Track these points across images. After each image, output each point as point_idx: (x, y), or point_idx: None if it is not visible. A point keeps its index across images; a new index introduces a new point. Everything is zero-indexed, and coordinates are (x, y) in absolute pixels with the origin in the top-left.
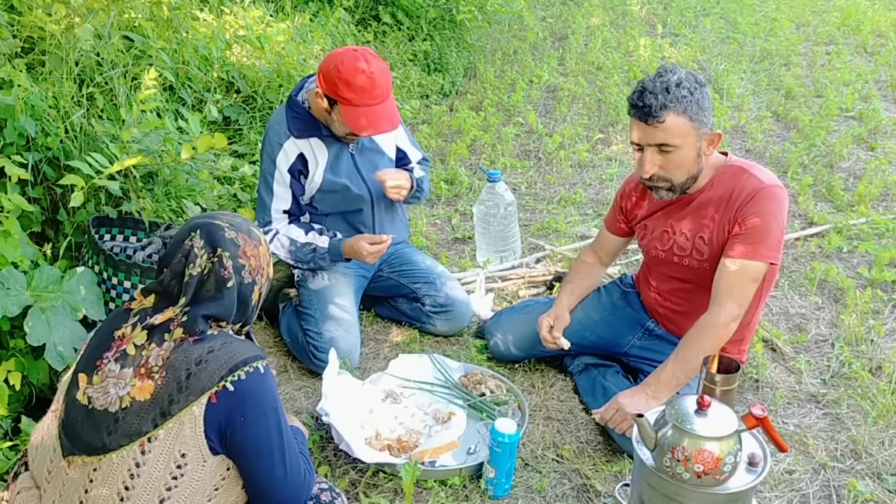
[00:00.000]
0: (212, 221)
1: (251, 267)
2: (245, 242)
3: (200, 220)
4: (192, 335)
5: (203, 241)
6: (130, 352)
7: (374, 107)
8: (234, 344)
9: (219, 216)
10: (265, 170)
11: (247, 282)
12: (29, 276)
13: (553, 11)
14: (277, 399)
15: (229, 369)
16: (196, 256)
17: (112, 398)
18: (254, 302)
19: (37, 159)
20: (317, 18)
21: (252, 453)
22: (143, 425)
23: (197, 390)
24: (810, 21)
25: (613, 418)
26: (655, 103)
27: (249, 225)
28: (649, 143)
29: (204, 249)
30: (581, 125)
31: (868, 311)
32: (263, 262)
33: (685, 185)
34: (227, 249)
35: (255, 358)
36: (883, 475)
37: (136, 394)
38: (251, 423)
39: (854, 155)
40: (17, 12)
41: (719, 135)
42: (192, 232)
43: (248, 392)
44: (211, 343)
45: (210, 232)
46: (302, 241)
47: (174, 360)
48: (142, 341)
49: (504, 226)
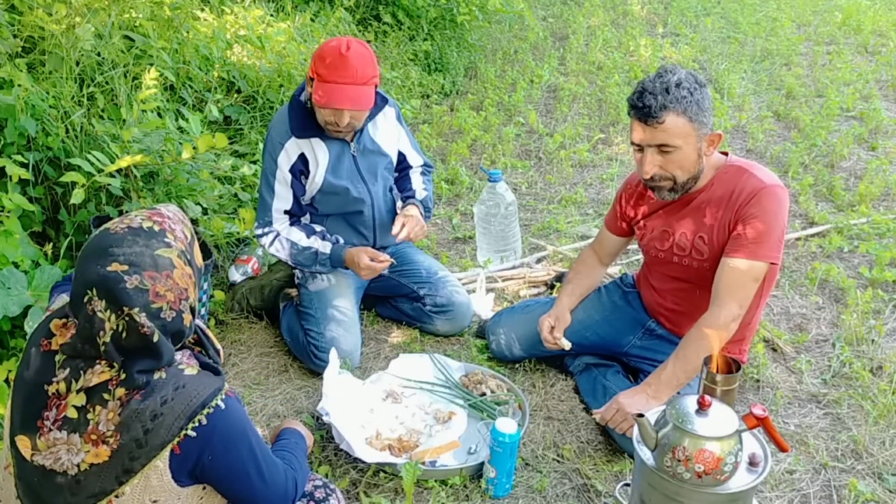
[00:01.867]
0: (105, 273)
1: (170, 302)
2: (153, 281)
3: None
4: (137, 390)
5: (104, 301)
6: (72, 416)
7: (343, 85)
8: (188, 386)
9: (113, 252)
10: (267, 169)
11: (171, 319)
12: (30, 276)
13: (554, 11)
14: (244, 422)
15: (188, 418)
16: (103, 321)
17: (66, 464)
18: (187, 324)
19: (37, 159)
20: (317, 18)
21: (227, 481)
22: (107, 485)
23: (157, 445)
24: (811, 21)
25: (614, 418)
26: (655, 104)
27: (154, 248)
28: (649, 143)
29: (108, 311)
30: (582, 125)
31: (869, 311)
32: (182, 284)
33: (687, 184)
34: (134, 305)
35: (213, 395)
36: (884, 475)
37: (91, 459)
38: (221, 456)
39: (855, 155)
40: (17, 12)
41: (720, 135)
42: (87, 290)
43: (212, 433)
44: (163, 393)
45: (108, 289)
46: (303, 244)
47: (126, 420)
48: (82, 403)
49: (505, 226)
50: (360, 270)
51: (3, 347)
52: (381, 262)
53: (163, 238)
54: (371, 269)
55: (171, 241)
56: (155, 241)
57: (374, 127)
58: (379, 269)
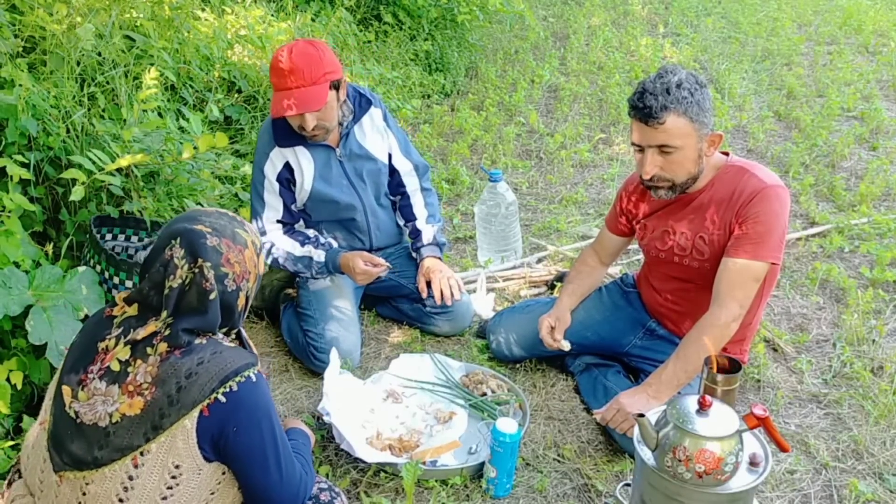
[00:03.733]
0: (192, 228)
1: (235, 274)
2: (228, 248)
3: (181, 225)
4: (178, 348)
5: (183, 250)
6: (115, 368)
7: (287, 91)
8: (225, 353)
9: (201, 218)
10: (255, 179)
11: (230, 290)
12: (30, 276)
13: (554, 11)
14: (271, 405)
15: (220, 381)
16: (176, 267)
17: (100, 414)
18: (239, 308)
19: (38, 159)
20: (318, 18)
21: (246, 461)
22: (135, 440)
23: (188, 404)
24: (812, 21)
25: (614, 418)
26: (656, 104)
27: (235, 226)
28: (650, 144)
29: (184, 259)
30: (582, 125)
31: (869, 311)
32: (250, 266)
33: (685, 184)
34: (208, 259)
35: (247, 366)
36: (884, 475)
37: (125, 410)
38: (244, 432)
39: (856, 155)
40: (18, 12)
41: (720, 135)
42: (172, 239)
43: (240, 402)
44: (200, 354)
45: (191, 241)
46: (298, 253)
47: (163, 375)
48: (125, 357)
49: (505, 225)
50: (355, 275)
51: (4, 347)
52: (377, 267)
53: (242, 225)
54: (366, 274)
55: (248, 230)
56: (237, 222)
57: (361, 130)
58: (375, 274)
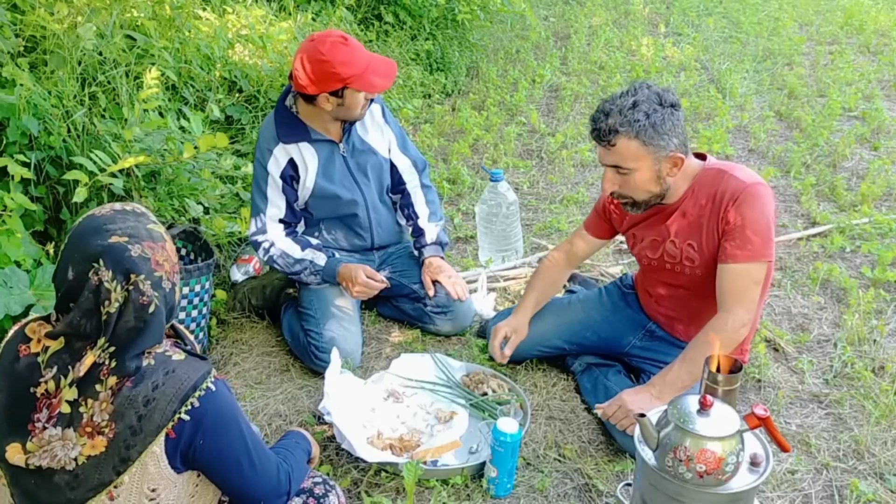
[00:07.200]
0: (109, 243)
1: (167, 273)
2: (152, 250)
3: (93, 242)
4: (127, 377)
5: (111, 271)
6: (66, 411)
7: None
8: (178, 370)
9: (109, 228)
10: (258, 176)
11: (168, 290)
12: (32, 275)
13: (555, 11)
14: (235, 407)
15: (180, 401)
16: (109, 291)
17: (63, 459)
18: (177, 298)
19: (39, 158)
20: (319, 17)
21: (218, 465)
22: (105, 475)
23: (152, 431)
24: (813, 21)
25: (616, 414)
26: (605, 127)
27: (144, 223)
28: (605, 163)
29: (115, 281)
30: (583, 125)
31: (871, 311)
32: (173, 256)
33: (649, 202)
34: (140, 272)
35: (203, 378)
36: (886, 475)
37: (88, 451)
38: (212, 440)
39: (857, 155)
40: (19, 11)
41: (682, 158)
42: (92, 263)
43: (204, 415)
44: (153, 378)
45: (115, 259)
46: (297, 256)
47: (120, 409)
48: (74, 397)
49: (506, 225)
50: (353, 287)
51: None
52: (378, 283)
53: (146, 215)
54: (366, 287)
55: (152, 219)
56: (143, 218)
57: (362, 126)
58: (375, 288)
